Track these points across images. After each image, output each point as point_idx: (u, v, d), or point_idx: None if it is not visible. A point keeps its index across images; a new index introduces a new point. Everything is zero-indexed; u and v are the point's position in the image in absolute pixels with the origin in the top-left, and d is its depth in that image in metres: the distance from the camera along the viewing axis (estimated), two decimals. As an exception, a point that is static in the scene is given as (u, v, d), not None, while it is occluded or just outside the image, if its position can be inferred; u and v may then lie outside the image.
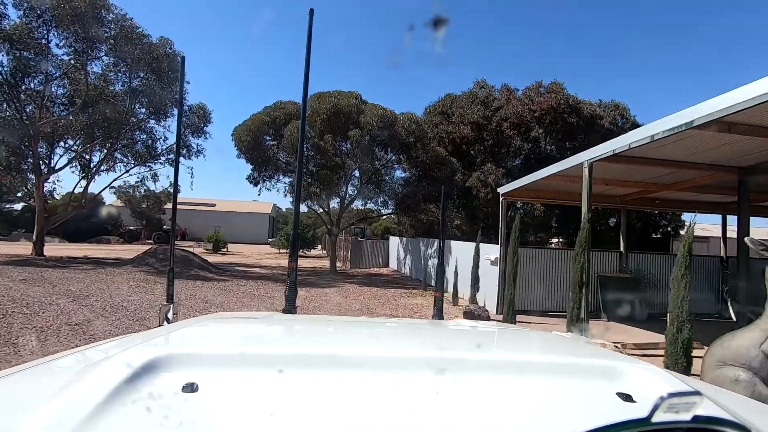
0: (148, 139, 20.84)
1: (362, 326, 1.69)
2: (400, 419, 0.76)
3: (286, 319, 1.81)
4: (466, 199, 17.78)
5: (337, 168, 15.27)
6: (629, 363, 1.04)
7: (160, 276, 13.48)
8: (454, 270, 10.96)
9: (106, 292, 9.65)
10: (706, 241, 37.55)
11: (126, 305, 8.29)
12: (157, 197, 50.54)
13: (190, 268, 15.12)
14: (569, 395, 0.90)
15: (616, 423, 0.55)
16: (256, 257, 27.73)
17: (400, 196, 16.56)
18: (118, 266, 15.15)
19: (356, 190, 17.40)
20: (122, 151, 20.76)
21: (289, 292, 2.96)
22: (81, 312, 7.42)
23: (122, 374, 0.81)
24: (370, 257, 22.68)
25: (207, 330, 1.37)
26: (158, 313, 2.77)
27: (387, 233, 41.97)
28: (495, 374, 0.94)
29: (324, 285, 13.84)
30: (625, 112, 18.34)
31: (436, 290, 3.19)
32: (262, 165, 16.02)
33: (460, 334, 1.61)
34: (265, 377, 0.87)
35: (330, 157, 14.91)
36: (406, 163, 15.90)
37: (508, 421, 0.79)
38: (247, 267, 19.30)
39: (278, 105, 15.54)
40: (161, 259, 15.73)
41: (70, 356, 1.09)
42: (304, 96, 3.34)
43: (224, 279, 13.99)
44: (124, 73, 18.03)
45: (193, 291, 10.89)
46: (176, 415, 0.72)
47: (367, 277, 17.46)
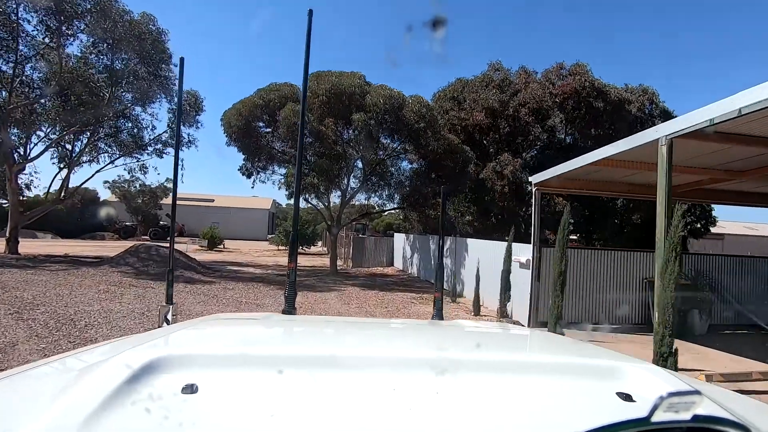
0: (134, 127, 19.30)
1: (362, 327, 1.71)
2: (400, 420, 0.76)
3: (286, 320, 1.87)
4: (478, 192, 16.20)
5: (338, 158, 13.68)
6: (628, 362, 1.05)
7: (138, 278, 11.97)
8: (475, 273, 9.34)
9: (63, 300, 8.11)
10: (721, 239, 35.93)
11: (78, 318, 6.75)
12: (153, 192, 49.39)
13: (175, 268, 13.57)
14: (569, 395, 0.90)
15: (616, 423, 0.55)
16: (252, 255, 26.34)
17: (408, 189, 14.95)
18: (94, 266, 13.63)
19: (359, 182, 15.82)
20: (106, 140, 19.21)
21: (288, 292, 2.96)
22: (13, 329, 5.88)
23: (122, 375, 0.81)
24: (374, 255, 21.11)
25: (206, 331, 1.40)
26: (158, 315, 2.77)
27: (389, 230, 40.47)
28: (495, 374, 0.94)
29: (323, 288, 12.31)
30: (655, 97, 16.69)
31: (436, 290, 3.12)
32: (254, 154, 14.42)
33: (459, 335, 1.60)
34: (265, 378, 0.87)
35: (330, 144, 13.32)
36: (414, 152, 14.29)
37: (509, 421, 0.79)
38: (240, 266, 17.77)
39: (272, 87, 13.93)
40: (143, 259, 14.18)
41: (69, 358, 1.11)
42: (303, 97, 3.34)
43: (211, 281, 12.45)
44: (104, 54, 16.43)
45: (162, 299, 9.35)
46: (176, 416, 0.72)
47: (371, 278, 15.92)
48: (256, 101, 13.42)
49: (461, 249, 11.76)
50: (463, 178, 14.87)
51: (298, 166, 3.34)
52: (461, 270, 11.46)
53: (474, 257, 10.36)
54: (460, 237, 12.82)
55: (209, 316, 1.80)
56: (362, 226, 35.31)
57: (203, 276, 13.53)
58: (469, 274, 9.99)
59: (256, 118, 13.70)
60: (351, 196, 15.66)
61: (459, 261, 11.80)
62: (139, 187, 45.97)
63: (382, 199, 16.16)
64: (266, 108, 13.70)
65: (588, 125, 15.80)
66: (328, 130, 12.53)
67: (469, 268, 10.18)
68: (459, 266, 11.69)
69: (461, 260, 11.65)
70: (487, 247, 9.91)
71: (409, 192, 14.85)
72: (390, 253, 21.44)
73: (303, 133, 3.31)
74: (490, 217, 15.84)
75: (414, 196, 15.09)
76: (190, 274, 13.42)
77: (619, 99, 15.68)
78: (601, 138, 15.39)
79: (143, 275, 12.62)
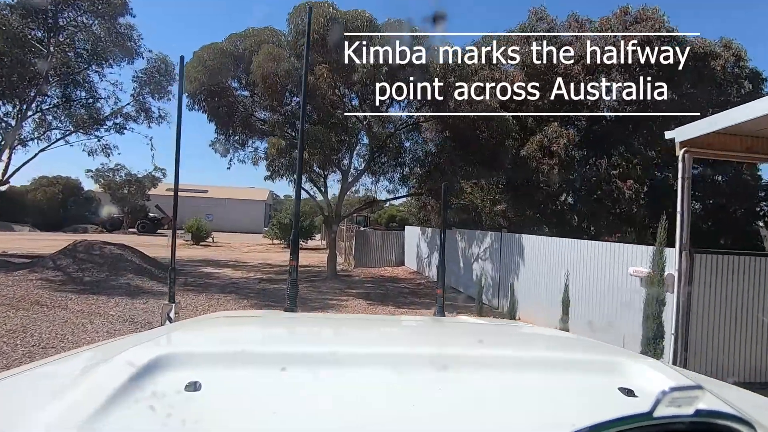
0: (89, 97, 15.81)
1: (364, 324, 1.73)
2: (403, 416, 0.76)
3: (288, 318, 1.89)
4: (516, 172, 12.69)
5: (336, 127, 10.20)
6: (630, 358, 1.04)
7: (60, 290, 8.67)
8: (544, 285, 5.86)
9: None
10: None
11: None
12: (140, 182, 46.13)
13: (120, 274, 10.19)
14: (571, 390, 0.90)
15: (618, 418, 0.54)
16: (242, 251, 23.15)
17: (428, 168, 11.45)
18: (13, 269, 10.26)
19: (364, 162, 12.33)
20: (54, 112, 15.74)
21: (290, 290, 3.06)
22: None
23: (125, 374, 0.81)
24: (380, 253, 17.63)
25: (209, 329, 1.41)
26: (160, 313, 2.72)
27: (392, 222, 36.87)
28: (497, 370, 0.94)
29: (318, 301, 8.95)
30: (742, 52, 13.09)
31: (437, 287, 3.29)
32: (227, 122, 10.92)
33: (461, 331, 1.60)
34: (268, 375, 0.86)
35: (327, 107, 9.84)
36: (436, 121, 10.78)
37: (511, 416, 0.79)
38: (218, 267, 14.38)
39: (249, 33, 10.39)
40: (80, 260, 10.74)
41: (72, 357, 1.13)
42: (303, 98, 3.98)
43: (160, 293, 9.06)
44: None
45: (64, 329, 5.95)
46: (179, 414, 0.72)
47: (379, 284, 12.53)
48: (226, 48, 9.92)
49: (511, 249, 8.31)
50: (499, 156, 11.39)
51: (300, 150, 3.78)
52: (513, 278, 7.99)
53: (539, 261, 6.89)
54: (507, 233, 9.33)
55: (212, 314, 1.93)
56: (363, 219, 31.82)
57: (157, 283, 10.15)
58: (528, 284, 6.61)
59: (226, 73, 10.18)
60: (355, 178, 12.16)
61: (508, 265, 8.34)
62: (124, 176, 43.24)
63: (393, 182, 12.65)
64: (240, 60, 10.20)
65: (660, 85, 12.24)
66: (322, 83, 8.99)
67: (528, 277, 6.80)
68: (508, 272, 8.23)
69: (512, 264, 8.19)
70: (563, 248, 6.43)
71: (429, 172, 11.33)
72: (399, 250, 17.99)
73: (304, 117, 3.68)
74: (537, 207, 12.38)
75: (435, 178, 11.59)
76: (140, 282, 10.03)
77: (704, 52, 12.10)
78: (678, 101, 11.90)
79: (71, 284, 9.27)
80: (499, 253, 8.63)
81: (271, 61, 8.58)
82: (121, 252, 11.34)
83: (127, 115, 16.24)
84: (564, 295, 5.47)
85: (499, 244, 8.71)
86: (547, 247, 6.99)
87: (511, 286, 6.89)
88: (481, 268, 9.41)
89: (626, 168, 12.56)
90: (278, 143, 9.38)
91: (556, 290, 5.74)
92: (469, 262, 10.29)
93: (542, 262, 6.87)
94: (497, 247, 8.78)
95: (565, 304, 5.43)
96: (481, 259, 9.63)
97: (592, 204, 12.56)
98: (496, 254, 8.73)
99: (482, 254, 9.64)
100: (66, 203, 41.06)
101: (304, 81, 3.13)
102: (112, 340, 1.33)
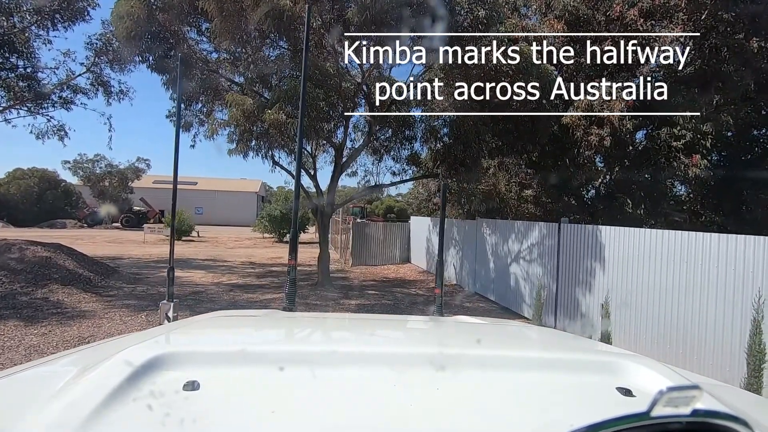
0: (28, 67, 13.05)
1: (362, 323, 1.70)
2: (401, 415, 0.75)
3: (287, 317, 1.83)
4: (554, 146, 10.13)
5: (326, 85, 7.56)
6: (628, 358, 1.03)
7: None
8: (738, 319, 3.29)
9: None
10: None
11: None
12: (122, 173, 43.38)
13: (40, 285, 7.60)
14: (569, 390, 0.90)
15: (616, 417, 0.54)
16: (227, 246, 20.75)
17: (448, 140, 8.82)
18: None
19: (363, 135, 9.72)
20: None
21: (289, 289, 3.01)
22: None
23: (123, 373, 0.80)
24: (382, 248, 15.07)
25: (208, 328, 1.38)
26: (159, 312, 2.72)
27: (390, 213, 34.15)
28: (495, 370, 0.93)
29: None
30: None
31: (436, 286, 3.05)
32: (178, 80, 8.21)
33: (460, 331, 1.58)
34: (266, 375, 0.86)
35: (311, 57, 7.21)
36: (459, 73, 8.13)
37: (509, 416, 0.79)
38: (187, 269, 11.81)
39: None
40: (-9, 266, 8.14)
41: (70, 356, 1.10)
42: (303, 97, 3.47)
43: (81, 314, 6.49)
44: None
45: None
46: (177, 413, 0.71)
47: (384, 290, 10.02)
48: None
49: (583, 247, 5.74)
50: (538, 123, 8.84)
51: (299, 141, 3.49)
52: (585, 290, 5.42)
53: (658, 269, 4.32)
54: (573, 224, 6.71)
55: (210, 314, 1.78)
56: (360, 210, 29.20)
57: (91, 296, 7.59)
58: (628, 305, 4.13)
59: (176, 12, 7.47)
60: (351, 156, 9.51)
61: (572, 271, 5.79)
62: (105, 167, 40.53)
63: (399, 162, 10.02)
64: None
65: (737, 34, 9.63)
66: (297, 6, 6.28)
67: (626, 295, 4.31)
68: (575, 281, 5.67)
69: (582, 270, 5.63)
70: (746, 250, 3.82)
71: (450, 145, 8.70)
72: (405, 245, 15.45)
73: (304, 114, 3.47)
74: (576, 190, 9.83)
75: (454, 153, 8.97)
76: (65, 293, 7.45)
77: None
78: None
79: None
80: (555, 252, 6.11)
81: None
82: (50, 255, 8.74)
83: (76, 88, 13.57)
84: (754, 340, 2.89)
85: (554, 240, 6.18)
86: (696, 245, 4.14)
87: (604, 307, 4.36)
88: (525, 273, 6.89)
89: (692, 140, 10.01)
90: (244, 101, 6.75)
91: (714, 325, 3.23)
92: (504, 263, 7.73)
93: (664, 271, 4.21)
94: (551, 243, 6.26)
95: (757, 356, 2.86)
96: (524, 259, 7.09)
97: (651, 185, 10.02)
98: (549, 254, 6.22)
99: (525, 253, 7.11)
100: (42, 197, 38.47)
101: (304, 79, 3.14)
102: (110, 340, 1.32)
